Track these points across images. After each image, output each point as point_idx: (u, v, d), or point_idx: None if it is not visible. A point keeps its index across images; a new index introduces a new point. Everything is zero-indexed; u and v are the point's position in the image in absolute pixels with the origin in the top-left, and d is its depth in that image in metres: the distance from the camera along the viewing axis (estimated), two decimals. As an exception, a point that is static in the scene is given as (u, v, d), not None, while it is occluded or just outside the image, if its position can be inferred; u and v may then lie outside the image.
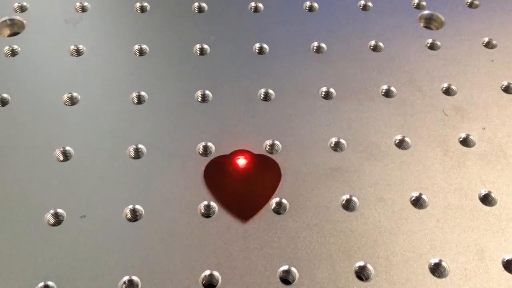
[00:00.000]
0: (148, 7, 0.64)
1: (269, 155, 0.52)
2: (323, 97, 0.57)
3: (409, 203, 0.49)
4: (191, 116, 0.54)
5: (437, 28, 0.65)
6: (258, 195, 0.48)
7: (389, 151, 0.52)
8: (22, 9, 0.63)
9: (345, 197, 0.49)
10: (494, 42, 0.63)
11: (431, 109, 0.56)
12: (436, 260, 0.45)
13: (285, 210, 0.48)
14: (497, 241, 0.47)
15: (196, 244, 0.45)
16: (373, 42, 0.62)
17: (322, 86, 0.57)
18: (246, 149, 0.51)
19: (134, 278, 0.43)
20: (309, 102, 0.56)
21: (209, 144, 0.52)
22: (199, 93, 0.56)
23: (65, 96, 0.54)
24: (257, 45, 0.61)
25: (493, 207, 0.49)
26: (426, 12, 0.66)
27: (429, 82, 0.58)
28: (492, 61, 0.61)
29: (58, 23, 0.61)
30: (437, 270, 0.45)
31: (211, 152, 0.51)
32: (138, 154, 0.51)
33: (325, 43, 0.61)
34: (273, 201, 0.48)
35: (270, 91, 0.57)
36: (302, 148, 0.52)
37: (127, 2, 0.65)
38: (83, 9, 0.63)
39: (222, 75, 0.58)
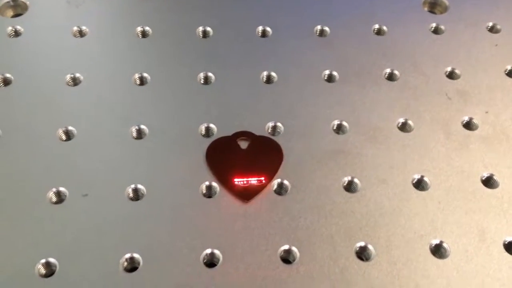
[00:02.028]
0: (151, -10, 0.64)
1: (271, 137, 0.51)
2: (326, 80, 0.57)
3: (411, 185, 0.49)
4: (194, 97, 0.54)
5: (441, 13, 0.65)
6: (259, 176, 0.48)
7: (392, 134, 0.52)
8: (26, -10, 0.63)
9: (347, 179, 0.49)
10: (498, 26, 0.63)
11: (434, 93, 0.56)
12: (437, 241, 0.45)
13: (286, 191, 0.48)
14: (498, 223, 0.47)
15: (198, 224, 0.45)
16: (377, 26, 0.62)
17: (325, 69, 0.57)
18: (248, 130, 0.52)
19: (136, 255, 0.43)
20: (312, 85, 0.56)
21: (211, 125, 0.52)
22: (201, 75, 0.56)
23: (68, 77, 0.55)
24: (260, 28, 0.61)
25: (495, 190, 0.49)
26: (430, -4, 0.66)
27: (432, 66, 0.58)
28: (496, 45, 0.61)
29: (61, 4, 0.61)
30: (438, 251, 0.45)
31: (213, 134, 0.51)
32: (140, 134, 0.51)
33: (328, 27, 0.61)
34: (275, 182, 0.48)
35: (273, 74, 0.56)
36: (304, 130, 0.52)
37: (130, -16, 0.65)
38: (86, -9, 0.63)
39: (225, 58, 0.58)
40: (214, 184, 0.48)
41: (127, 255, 0.43)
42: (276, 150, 0.50)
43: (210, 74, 0.56)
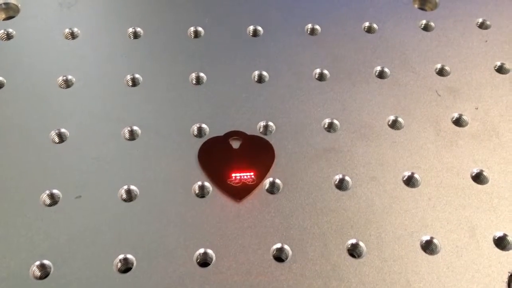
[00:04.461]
0: (143, -10, 0.64)
1: (263, 136, 0.52)
2: (317, 78, 0.57)
3: (402, 182, 0.49)
4: (186, 98, 0.54)
5: (431, 9, 0.65)
6: (252, 176, 0.49)
7: (382, 132, 0.53)
8: (17, -7, 0.63)
9: (338, 176, 0.49)
10: (488, 23, 0.63)
11: (425, 89, 0.56)
12: (428, 238, 0.46)
13: (278, 190, 0.48)
14: (488, 218, 0.47)
15: (191, 224, 0.46)
16: (367, 24, 0.62)
17: (316, 68, 0.57)
18: (240, 130, 0.52)
19: (129, 256, 0.44)
20: (303, 83, 0.56)
21: (203, 125, 0.52)
22: (193, 75, 0.56)
23: (60, 79, 0.55)
24: (251, 27, 0.61)
25: (485, 186, 0.49)
26: (420, -7, 0.66)
27: (422, 63, 0.59)
28: (486, 41, 0.61)
29: (53, 6, 0.62)
30: (428, 247, 0.46)
31: (205, 134, 0.52)
32: (132, 135, 0.51)
33: (319, 25, 0.62)
34: (267, 181, 0.49)
35: (264, 73, 0.57)
36: (295, 129, 0.53)
37: (122, -15, 0.65)
38: (78, -7, 0.63)
39: (216, 57, 0.58)
40: (207, 184, 0.48)
41: (121, 256, 0.44)
42: (268, 149, 0.51)
43: (202, 74, 0.56)
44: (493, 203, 0.48)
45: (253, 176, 0.48)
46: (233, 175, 0.49)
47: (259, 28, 0.61)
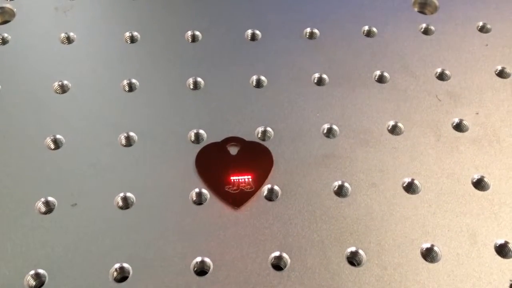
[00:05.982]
0: (140, -6, 0.64)
1: (261, 142, 0.51)
2: (315, 83, 0.57)
3: (402, 188, 0.49)
4: (183, 103, 0.54)
5: (431, 13, 0.65)
6: (250, 182, 0.48)
7: (382, 137, 0.52)
8: (13, -3, 0.62)
9: (337, 183, 0.49)
10: (488, 26, 0.62)
11: (425, 94, 0.56)
12: (428, 245, 0.45)
13: (277, 196, 0.48)
14: (489, 225, 0.46)
15: (188, 231, 0.45)
16: (366, 28, 0.62)
17: (315, 72, 0.57)
18: (238, 136, 0.51)
19: (125, 265, 0.43)
20: (301, 88, 0.56)
21: (201, 131, 0.51)
22: (190, 80, 0.55)
23: (56, 84, 0.54)
24: (250, 31, 0.60)
25: (486, 192, 0.49)
26: (420, -4, 0.66)
27: (422, 67, 0.58)
28: (486, 45, 0.61)
29: (49, 10, 0.61)
30: (429, 255, 0.45)
31: (203, 140, 0.51)
32: (129, 141, 0.51)
33: (318, 29, 0.61)
34: (265, 188, 0.48)
35: (263, 77, 0.56)
36: (294, 134, 0.52)
37: (119, -11, 0.64)
38: (74, -3, 0.63)
39: (214, 62, 0.57)
40: (204, 191, 0.48)
41: (117, 265, 0.43)
42: (266, 156, 0.50)
43: (199, 79, 0.56)
44: (494, 210, 0.47)
45: (250, 179, 0.48)
46: (232, 178, 0.48)
47: (257, 32, 0.60)
